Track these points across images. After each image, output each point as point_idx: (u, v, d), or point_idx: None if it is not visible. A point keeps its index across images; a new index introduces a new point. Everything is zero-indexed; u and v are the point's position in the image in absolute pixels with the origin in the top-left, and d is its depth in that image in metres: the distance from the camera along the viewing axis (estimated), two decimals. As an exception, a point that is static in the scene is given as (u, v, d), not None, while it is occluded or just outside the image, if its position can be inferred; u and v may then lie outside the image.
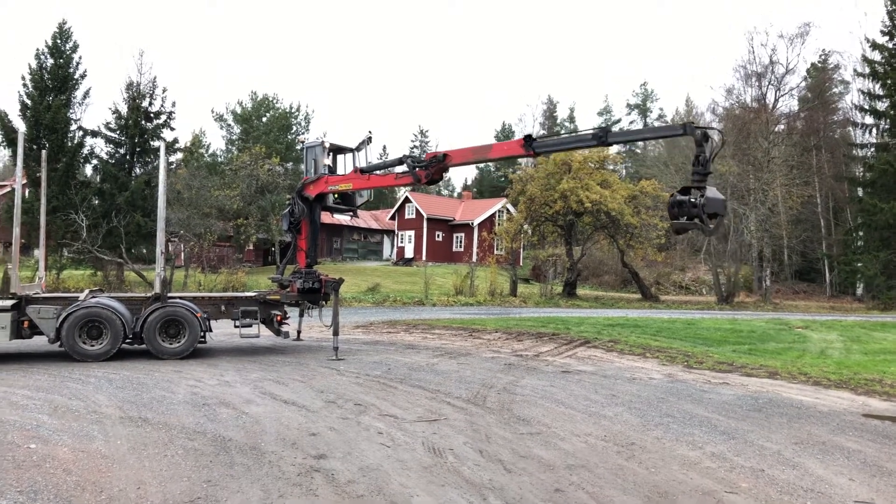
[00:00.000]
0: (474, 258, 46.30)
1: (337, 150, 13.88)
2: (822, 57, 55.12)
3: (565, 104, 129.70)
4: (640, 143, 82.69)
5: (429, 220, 54.18)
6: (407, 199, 57.31)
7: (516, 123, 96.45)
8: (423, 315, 23.02)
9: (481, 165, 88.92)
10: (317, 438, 6.63)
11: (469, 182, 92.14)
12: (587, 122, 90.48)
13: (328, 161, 13.63)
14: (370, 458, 6.02)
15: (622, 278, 46.60)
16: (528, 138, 10.68)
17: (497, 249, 44.57)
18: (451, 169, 12.26)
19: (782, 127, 45.98)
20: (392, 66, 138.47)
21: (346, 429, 7.04)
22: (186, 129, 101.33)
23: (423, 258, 51.44)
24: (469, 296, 31.85)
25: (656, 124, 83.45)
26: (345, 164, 13.95)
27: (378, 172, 12.88)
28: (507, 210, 50.69)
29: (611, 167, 40.85)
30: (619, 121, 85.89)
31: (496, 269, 35.91)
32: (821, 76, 54.30)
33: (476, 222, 53.57)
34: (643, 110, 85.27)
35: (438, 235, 55.15)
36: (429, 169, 11.86)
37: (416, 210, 55.03)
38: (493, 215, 54.14)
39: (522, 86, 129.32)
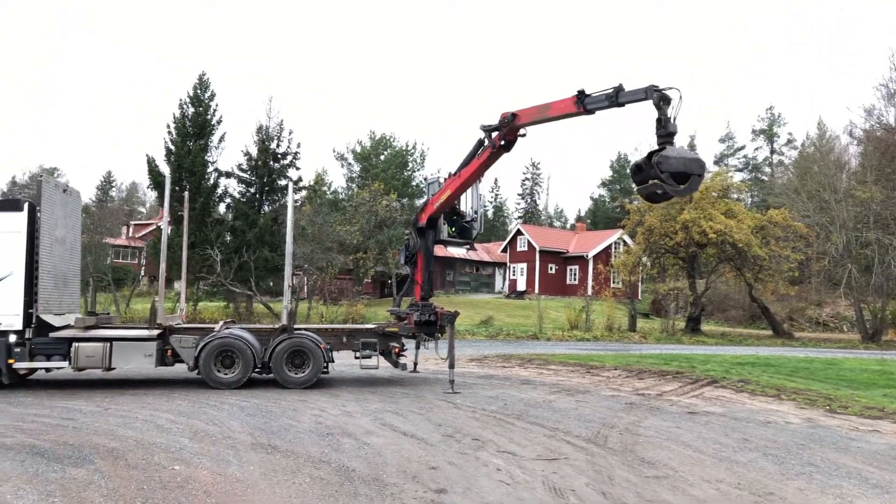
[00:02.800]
0: (589, 291, 45.24)
1: None
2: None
3: (684, 131, 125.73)
4: (767, 170, 78.34)
5: (541, 252, 53.73)
6: (519, 232, 57.27)
7: (632, 152, 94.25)
8: (537, 349, 22.72)
9: (595, 196, 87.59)
10: (437, 472, 6.65)
11: (582, 213, 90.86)
12: (709, 150, 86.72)
13: None
14: (490, 496, 5.95)
15: (750, 313, 43.79)
16: (581, 94, 10.41)
17: (613, 282, 43.36)
18: (525, 133, 11.94)
19: (933, 148, 41.84)
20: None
21: (464, 464, 7.01)
22: (309, 167, 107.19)
23: (536, 291, 50.93)
24: (585, 330, 31.11)
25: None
26: (465, 197, 14.11)
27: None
28: (624, 242, 49.33)
29: (734, 196, 38.84)
30: (742, 147, 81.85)
31: (613, 303, 34.88)
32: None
33: (591, 254, 52.50)
34: (769, 136, 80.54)
35: (551, 268, 54.49)
36: (501, 130, 11.79)
37: (528, 242, 54.79)
38: (608, 247, 52.87)
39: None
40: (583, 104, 10.44)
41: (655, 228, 33.73)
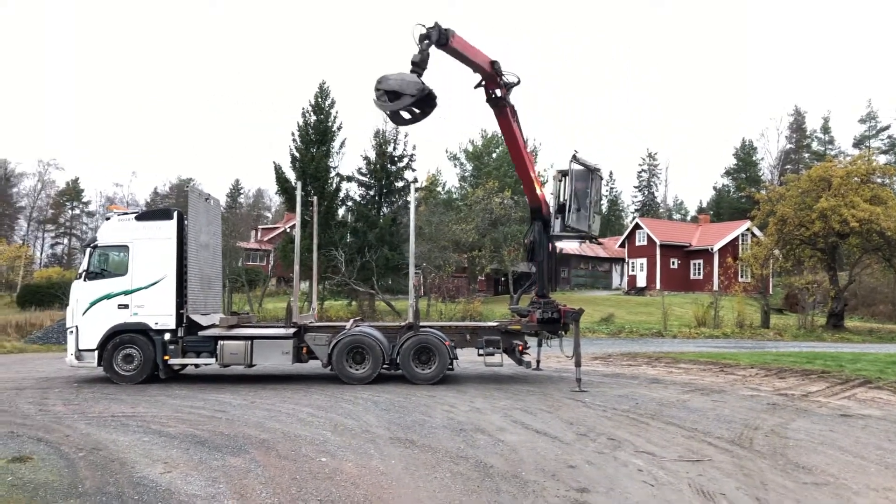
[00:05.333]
0: (716, 286, 43.03)
1: (564, 174, 13.84)
2: None
3: (816, 114, 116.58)
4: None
5: (662, 246, 51.69)
6: (637, 226, 55.44)
7: (758, 139, 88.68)
8: (663, 347, 21.89)
9: (718, 186, 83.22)
10: (576, 471, 6.54)
11: (704, 204, 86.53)
12: (846, 132, 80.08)
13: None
14: (635, 496, 5.78)
15: (902, 308, 39.95)
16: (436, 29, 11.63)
17: (742, 276, 40.95)
18: (517, 80, 13.37)
19: None
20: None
21: (603, 463, 6.86)
22: (423, 168, 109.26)
23: (657, 287, 49.11)
24: (713, 327, 29.60)
25: None
26: (591, 186, 13.78)
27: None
28: (753, 233, 46.52)
29: (879, 180, 35.51)
30: (887, 127, 74.79)
31: (742, 298, 32.96)
32: None
33: (716, 248, 49.90)
34: (918, 112, 73.07)
35: (673, 262, 52.30)
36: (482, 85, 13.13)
37: (648, 236, 52.90)
38: (735, 239, 49.99)
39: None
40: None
41: (789, 218, 31.52)
